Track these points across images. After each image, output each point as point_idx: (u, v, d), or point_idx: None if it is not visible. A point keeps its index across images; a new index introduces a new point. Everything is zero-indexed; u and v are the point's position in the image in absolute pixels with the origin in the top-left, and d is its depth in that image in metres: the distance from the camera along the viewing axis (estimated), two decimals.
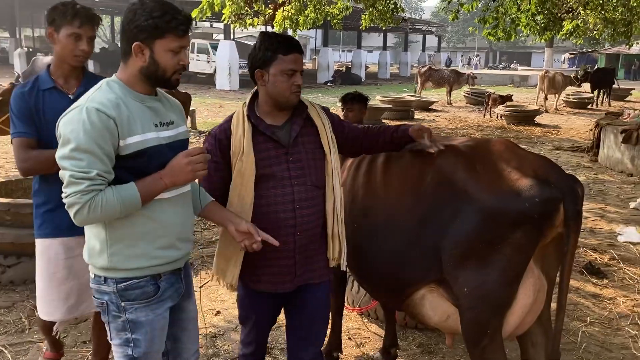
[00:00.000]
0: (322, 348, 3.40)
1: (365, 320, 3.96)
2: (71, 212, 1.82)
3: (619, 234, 6.20)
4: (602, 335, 3.92)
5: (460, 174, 2.43)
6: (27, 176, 2.61)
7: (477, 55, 55.44)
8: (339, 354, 3.42)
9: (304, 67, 2.57)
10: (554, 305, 2.55)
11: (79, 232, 2.22)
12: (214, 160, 2.26)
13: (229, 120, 2.37)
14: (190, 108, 12.58)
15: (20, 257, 4.24)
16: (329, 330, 3.27)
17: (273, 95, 2.30)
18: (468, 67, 48.74)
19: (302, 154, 2.36)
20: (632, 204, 7.43)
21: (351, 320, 3.97)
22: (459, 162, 2.46)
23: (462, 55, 61.23)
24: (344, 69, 32.57)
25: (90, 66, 29.94)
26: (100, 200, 1.80)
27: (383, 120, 13.68)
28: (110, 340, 2.06)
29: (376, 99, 16.48)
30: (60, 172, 1.84)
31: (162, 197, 1.98)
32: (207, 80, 25.57)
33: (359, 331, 3.84)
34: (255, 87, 2.40)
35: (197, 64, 26.29)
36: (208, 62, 25.91)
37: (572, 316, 4.19)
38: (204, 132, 12.05)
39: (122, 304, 1.98)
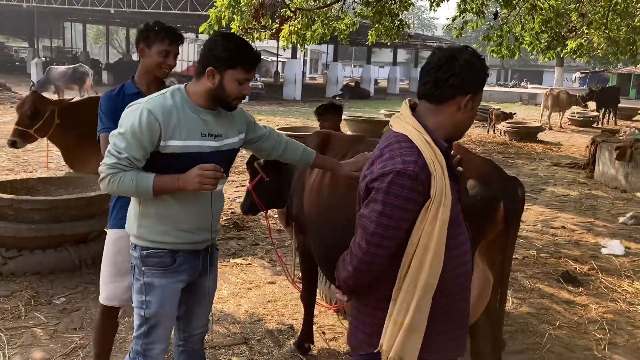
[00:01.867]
0: (294, 340, 3.65)
1: (341, 317, 4.17)
2: (99, 178, 2.22)
3: (603, 247, 6.35)
4: (568, 338, 4.09)
5: None
6: None
7: None
8: (311, 344, 3.64)
9: (316, 81, 2.58)
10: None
11: None
12: (410, 208, 1.77)
13: (415, 153, 1.79)
14: None
15: (21, 250, 4.52)
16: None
17: (459, 128, 1.91)
18: None
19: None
20: (621, 219, 7.58)
21: (327, 317, 4.19)
22: None
23: None
24: (353, 83, 32.92)
25: (104, 77, 30.58)
26: (119, 178, 2.16)
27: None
28: (133, 304, 2.40)
29: (380, 112, 16.74)
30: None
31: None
32: None
33: (333, 327, 4.05)
34: (410, 104, 1.94)
35: None
36: None
37: (541, 319, 4.37)
38: None
39: (143, 268, 2.33)
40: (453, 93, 1.82)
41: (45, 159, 8.27)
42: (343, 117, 4.57)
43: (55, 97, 13.78)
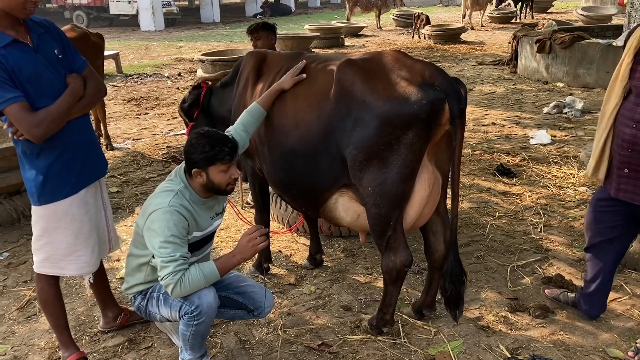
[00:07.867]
0: (253, 262, 3.70)
1: (295, 235, 4.25)
2: (168, 290, 2.42)
3: (531, 137, 6.68)
4: (507, 226, 4.36)
5: (358, 85, 2.65)
6: (42, 140, 2.44)
7: None
8: (269, 264, 3.72)
9: (234, 0, 2.57)
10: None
11: (86, 182, 2.70)
12: None
13: None
14: (115, 52, 12.21)
15: None
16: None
17: None
18: None
19: None
20: (545, 109, 7.94)
21: (282, 236, 4.26)
22: (356, 75, 2.68)
23: None
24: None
25: None
26: (186, 278, 2.39)
27: (313, 50, 13.67)
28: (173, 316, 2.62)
29: (305, 28, 16.37)
30: (153, 260, 2.49)
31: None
32: (131, 22, 24.49)
33: (289, 244, 4.13)
34: None
35: (118, 5, 25.01)
36: (129, 2, 24.69)
37: (482, 212, 4.62)
38: (130, 76, 11.76)
39: (153, 295, 2.69)
40: None
41: None
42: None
43: None
